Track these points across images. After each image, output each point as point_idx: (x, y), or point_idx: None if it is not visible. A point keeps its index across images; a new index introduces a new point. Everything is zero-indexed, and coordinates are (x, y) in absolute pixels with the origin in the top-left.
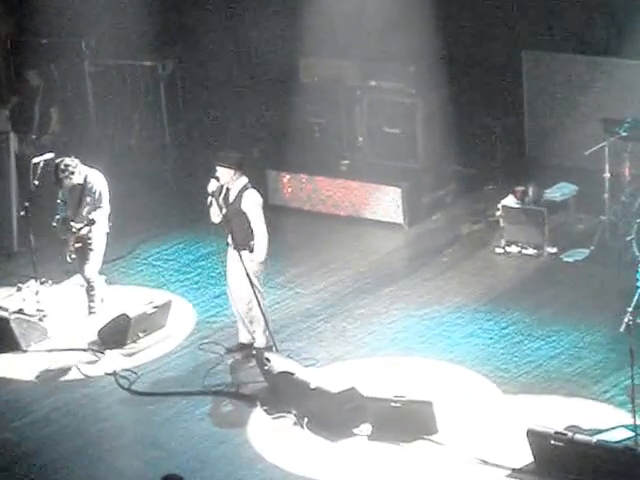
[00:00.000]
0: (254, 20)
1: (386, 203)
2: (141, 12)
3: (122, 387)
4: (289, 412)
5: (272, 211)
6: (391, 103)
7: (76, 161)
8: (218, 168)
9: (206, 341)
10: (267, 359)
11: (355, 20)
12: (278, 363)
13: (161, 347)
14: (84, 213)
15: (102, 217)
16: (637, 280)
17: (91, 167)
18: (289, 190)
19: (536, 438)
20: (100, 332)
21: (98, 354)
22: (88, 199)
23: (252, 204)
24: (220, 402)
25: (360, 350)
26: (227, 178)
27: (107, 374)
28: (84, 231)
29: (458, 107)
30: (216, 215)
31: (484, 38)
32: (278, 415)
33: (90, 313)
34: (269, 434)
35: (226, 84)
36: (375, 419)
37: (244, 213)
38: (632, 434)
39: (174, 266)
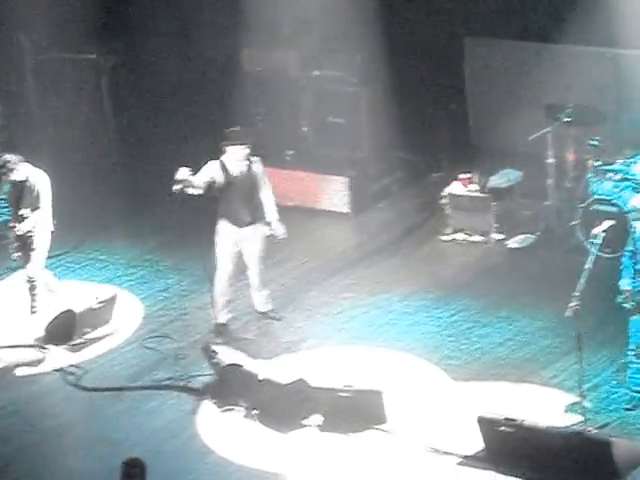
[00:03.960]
0: (197, 10)
1: (332, 192)
2: (83, 4)
3: (69, 383)
4: (238, 404)
5: None
6: (335, 92)
7: (17, 158)
8: (230, 147)
9: (154, 335)
10: (214, 352)
11: (298, 10)
12: (226, 355)
13: (108, 342)
14: (23, 212)
15: (43, 217)
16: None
17: (35, 166)
18: None
19: (487, 425)
20: (46, 328)
21: (44, 350)
22: (28, 198)
23: (263, 170)
24: (169, 396)
25: (308, 340)
26: (240, 154)
27: (54, 370)
28: (25, 229)
29: (402, 95)
30: (198, 188)
31: (426, 25)
32: (227, 408)
33: (32, 312)
34: (219, 427)
35: (169, 75)
36: (325, 409)
37: (252, 182)
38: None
39: (120, 260)
